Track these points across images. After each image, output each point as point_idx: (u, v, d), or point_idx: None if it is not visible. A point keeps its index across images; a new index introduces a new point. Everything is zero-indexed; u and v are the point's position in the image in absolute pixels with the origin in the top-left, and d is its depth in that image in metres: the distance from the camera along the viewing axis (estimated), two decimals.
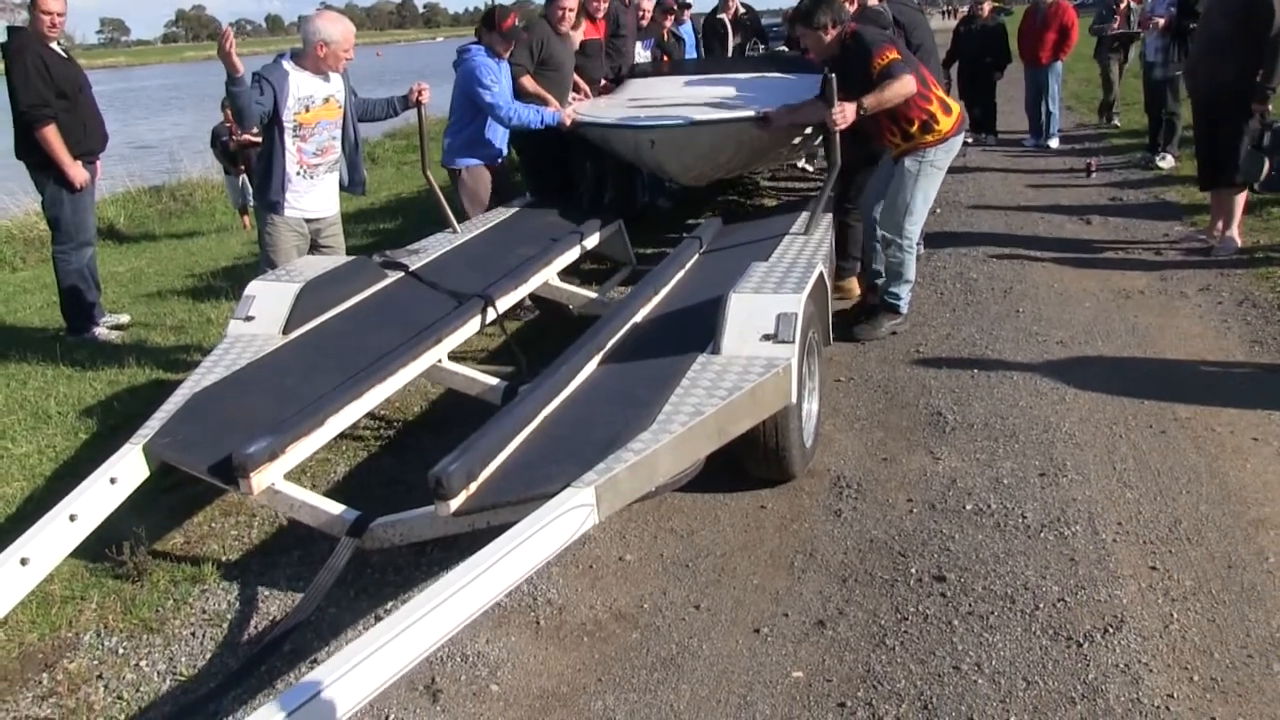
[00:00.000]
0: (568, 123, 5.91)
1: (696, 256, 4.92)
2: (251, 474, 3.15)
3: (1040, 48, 10.89)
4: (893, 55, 4.78)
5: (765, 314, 3.45)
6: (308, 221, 4.89)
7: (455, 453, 2.95)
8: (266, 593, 3.35)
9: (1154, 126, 9.84)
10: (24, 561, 2.82)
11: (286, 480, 3.34)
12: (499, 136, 5.95)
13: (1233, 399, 4.27)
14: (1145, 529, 3.35)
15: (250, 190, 11.73)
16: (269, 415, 3.45)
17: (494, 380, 4.27)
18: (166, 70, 70.51)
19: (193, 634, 3.14)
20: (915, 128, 4.99)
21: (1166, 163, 9.40)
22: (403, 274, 4.73)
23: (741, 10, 10.46)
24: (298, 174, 4.74)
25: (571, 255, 5.51)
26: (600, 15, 7.16)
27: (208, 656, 3.03)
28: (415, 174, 13.11)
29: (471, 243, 5.33)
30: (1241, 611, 2.89)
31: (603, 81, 7.28)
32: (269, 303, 4.13)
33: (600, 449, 2.92)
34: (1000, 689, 2.65)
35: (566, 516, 2.70)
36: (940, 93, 5.08)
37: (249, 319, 4.08)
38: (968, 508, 3.57)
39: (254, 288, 4.22)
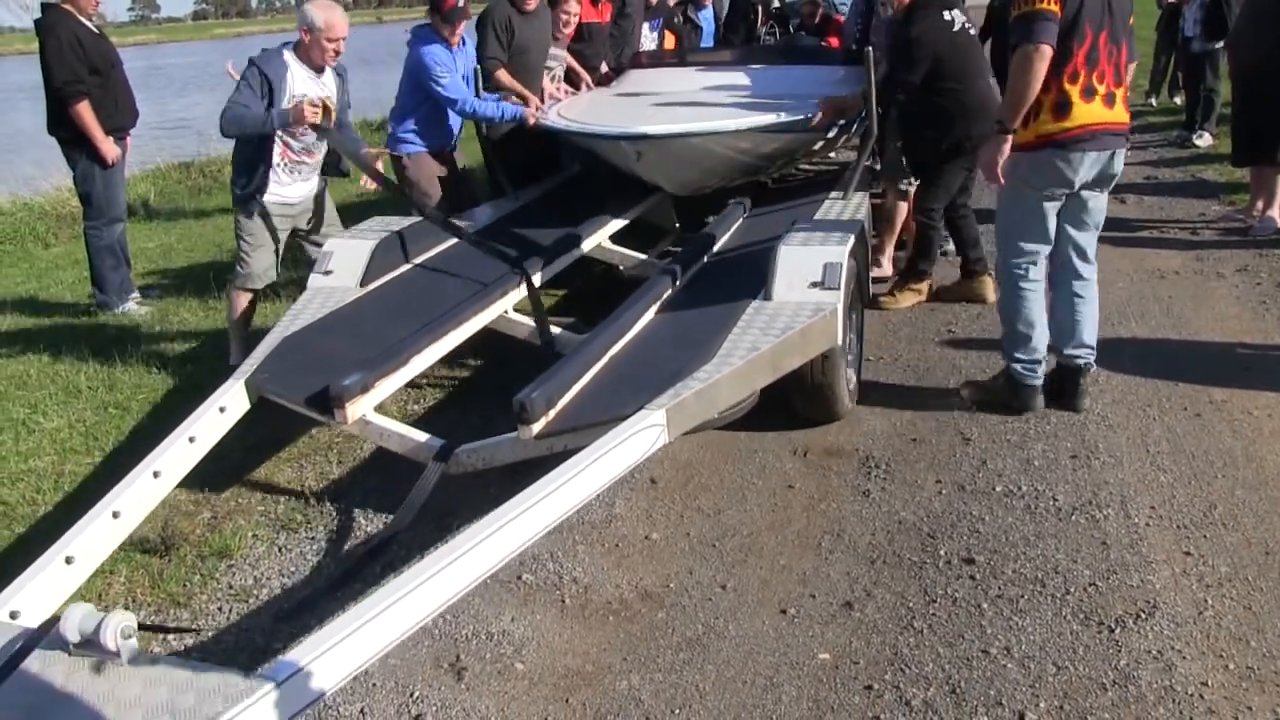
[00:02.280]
0: (531, 121, 5.34)
1: (741, 220, 5.15)
2: (347, 404, 3.45)
3: None
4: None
5: (813, 263, 3.72)
6: (289, 205, 4.80)
7: (535, 382, 3.28)
8: (292, 568, 3.36)
9: (1191, 103, 9.65)
10: (156, 474, 3.12)
11: (375, 413, 3.63)
12: (447, 123, 5.45)
13: (1271, 382, 4.19)
14: (1179, 513, 3.30)
15: None
16: (355, 355, 3.72)
17: (556, 330, 4.48)
18: (196, 48, 70.87)
19: (219, 609, 3.16)
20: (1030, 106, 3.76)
21: (1204, 140, 9.23)
22: (468, 234, 4.98)
23: (776, 2, 9.29)
24: (281, 166, 4.66)
25: (622, 220, 5.62)
26: None
27: (235, 631, 3.05)
28: None
29: (528, 207, 5.60)
30: (1279, 598, 2.84)
31: (604, 69, 6.58)
32: (346, 258, 4.45)
33: (668, 379, 3.22)
34: (1030, 673, 2.62)
35: (640, 435, 2.99)
36: (1070, 84, 3.65)
37: (328, 273, 4.40)
38: (998, 489, 3.53)
39: (332, 244, 4.57)
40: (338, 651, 2.16)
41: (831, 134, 5.49)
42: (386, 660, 2.83)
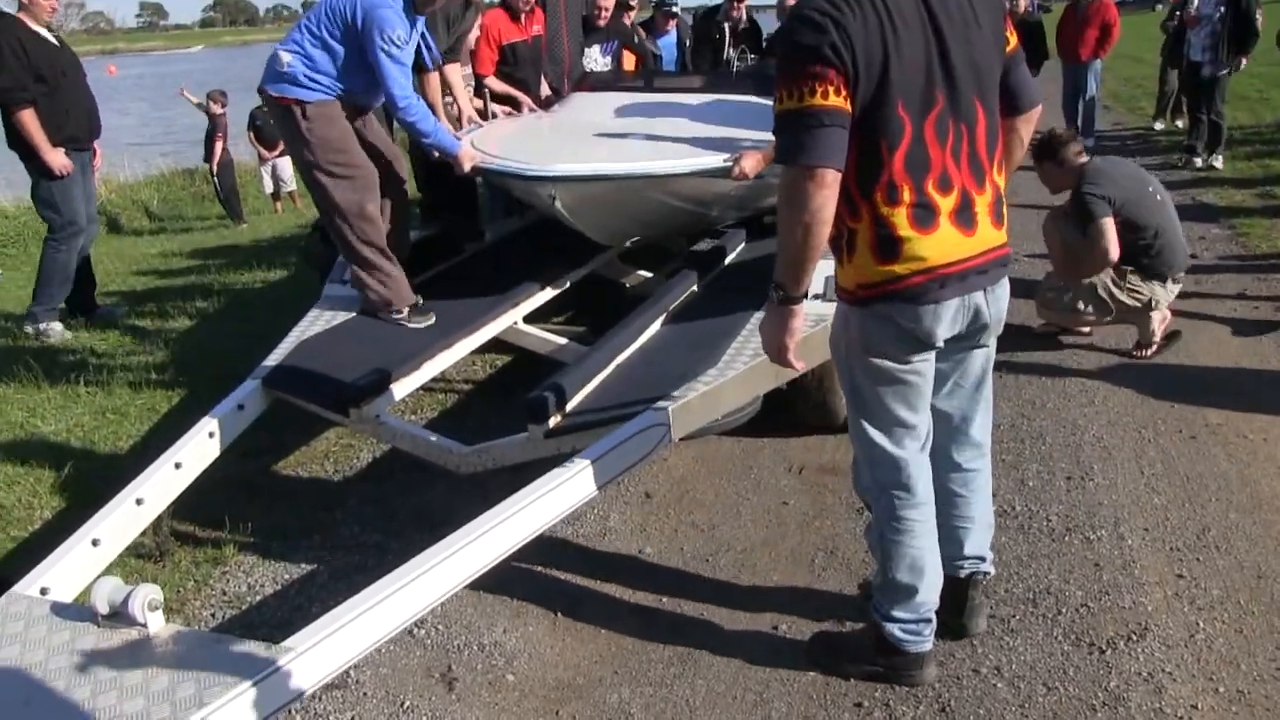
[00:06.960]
0: (466, 166, 4.24)
1: (744, 243, 5.17)
2: (361, 405, 3.58)
3: (1080, 45, 10.73)
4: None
5: (815, 277, 3.75)
6: None
7: (545, 384, 3.38)
8: (286, 575, 3.36)
9: (1193, 126, 9.69)
10: (178, 465, 3.26)
11: (390, 414, 3.74)
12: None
13: (1266, 405, 4.19)
14: (1172, 535, 3.30)
15: (282, 177, 11.80)
16: (370, 359, 3.83)
17: (563, 340, 4.53)
18: (204, 56, 71.15)
19: (212, 615, 3.16)
20: (841, 238, 2.52)
21: (1218, 161, 9.21)
22: (479, 247, 5.12)
23: (745, 23, 8.13)
24: None
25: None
26: (530, 6, 5.60)
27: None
28: None
29: (536, 224, 5.62)
30: (1270, 623, 2.84)
31: (545, 92, 5.83)
32: None
33: (673, 382, 3.35)
34: (1020, 693, 2.62)
35: (646, 434, 3.09)
36: (888, 206, 2.33)
37: (344, 282, 4.51)
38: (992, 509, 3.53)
39: None
40: (358, 625, 2.26)
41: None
42: (378, 669, 2.84)
